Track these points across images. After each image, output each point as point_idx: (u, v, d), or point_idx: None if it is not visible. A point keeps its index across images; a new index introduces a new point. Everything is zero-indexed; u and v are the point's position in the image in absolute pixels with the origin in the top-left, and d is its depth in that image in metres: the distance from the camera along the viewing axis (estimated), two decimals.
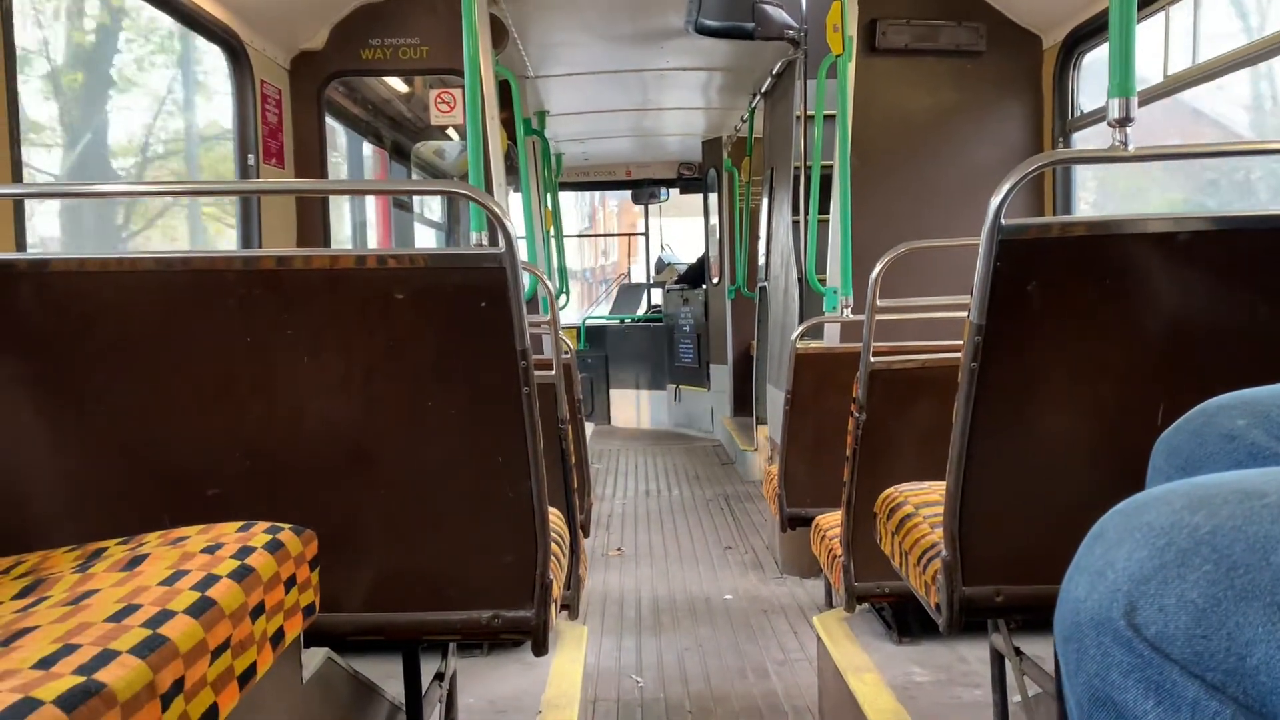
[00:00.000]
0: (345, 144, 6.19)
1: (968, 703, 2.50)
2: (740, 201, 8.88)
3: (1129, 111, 1.52)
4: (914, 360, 2.64)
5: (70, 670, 0.90)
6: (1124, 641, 0.65)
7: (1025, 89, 4.34)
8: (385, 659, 2.24)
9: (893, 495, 2.22)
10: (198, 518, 1.45)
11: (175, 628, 1.03)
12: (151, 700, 0.95)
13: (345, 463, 1.71)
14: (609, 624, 4.43)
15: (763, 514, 6.36)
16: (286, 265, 1.61)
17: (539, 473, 1.70)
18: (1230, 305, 1.62)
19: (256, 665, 1.21)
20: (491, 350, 1.63)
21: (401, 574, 1.77)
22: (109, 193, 2.87)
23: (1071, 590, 0.71)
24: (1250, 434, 0.94)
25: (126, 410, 1.68)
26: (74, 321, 1.63)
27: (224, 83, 3.82)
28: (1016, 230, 1.54)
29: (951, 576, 1.77)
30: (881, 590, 2.75)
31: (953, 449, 1.70)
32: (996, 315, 1.59)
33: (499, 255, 1.57)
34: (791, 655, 3.93)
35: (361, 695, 2.03)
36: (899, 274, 2.58)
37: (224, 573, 1.20)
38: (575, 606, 2.60)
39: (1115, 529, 0.71)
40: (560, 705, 2.58)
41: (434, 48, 4.27)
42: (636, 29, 6.01)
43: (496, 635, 1.77)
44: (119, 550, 1.31)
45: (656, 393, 11.19)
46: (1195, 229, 1.56)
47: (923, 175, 4.40)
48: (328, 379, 1.67)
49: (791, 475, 3.68)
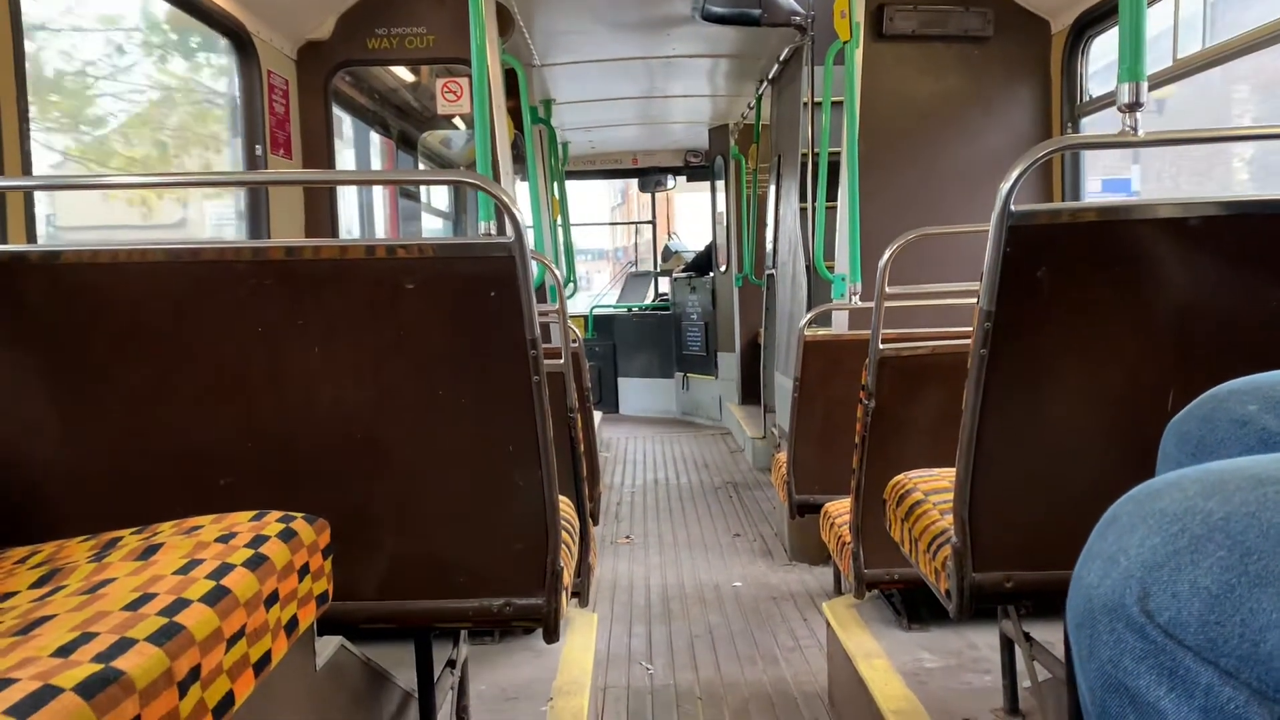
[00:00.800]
0: (353, 134, 6.19)
1: (978, 688, 2.51)
2: (747, 189, 8.85)
3: (1139, 96, 1.52)
4: (923, 347, 2.64)
5: (89, 658, 0.91)
6: (1137, 628, 0.65)
7: (1033, 74, 4.32)
8: (397, 647, 2.26)
9: (902, 482, 2.22)
10: (211, 507, 1.46)
11: (191, 616, 1.04)
12: (169, 688, 0.96)
13: (356, 452, 1.72)
14: (619, 611, 4.44)
15: (771, 501, 6.37)
16: (296, 255, 1.62)
17: (549, 461, 1.70)
18: (1241, 290, 1.62)
19: (271, 653, 1.22)
20: (501, 339, 1.64)
21: (413, 562, 1.78)
22: (117, 184, 2.87)
23: (1084, 576, 0.71)
24: (1262, 419, 0.94)
25: (139, 401, 1.69)
26: (85, 313, 1.63)
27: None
28: (1026, 216, 1.54)
29: (962, 563, 1.77)
30: (891, 577, 2.76)
31: (962, 435, 1.70)
32: (1006, 301, 1.58)
33: (508, 244, 1.57)
34: (801, 642, 3.93)
35: (374, 683, 2.04)
36: (908, 260, 2.58)
37: (238, 561, 1.21)
38: (585, 594, 2.61)
39: (1128, 515, 0.71)
40: (571, 692, 2.59)
41: (440, 37, 4.27)
42: (643, 16, 5.99)
43: (508, 623, 1.78)
44: (134, 540, 1.32)
45: (664, 381, 11.19)
46: (1205, 214, 1.56)
47: (931, 161, 4.39)
48: (338, 368, 1.67)
49: (800, 462, 3.68)
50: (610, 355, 11.38)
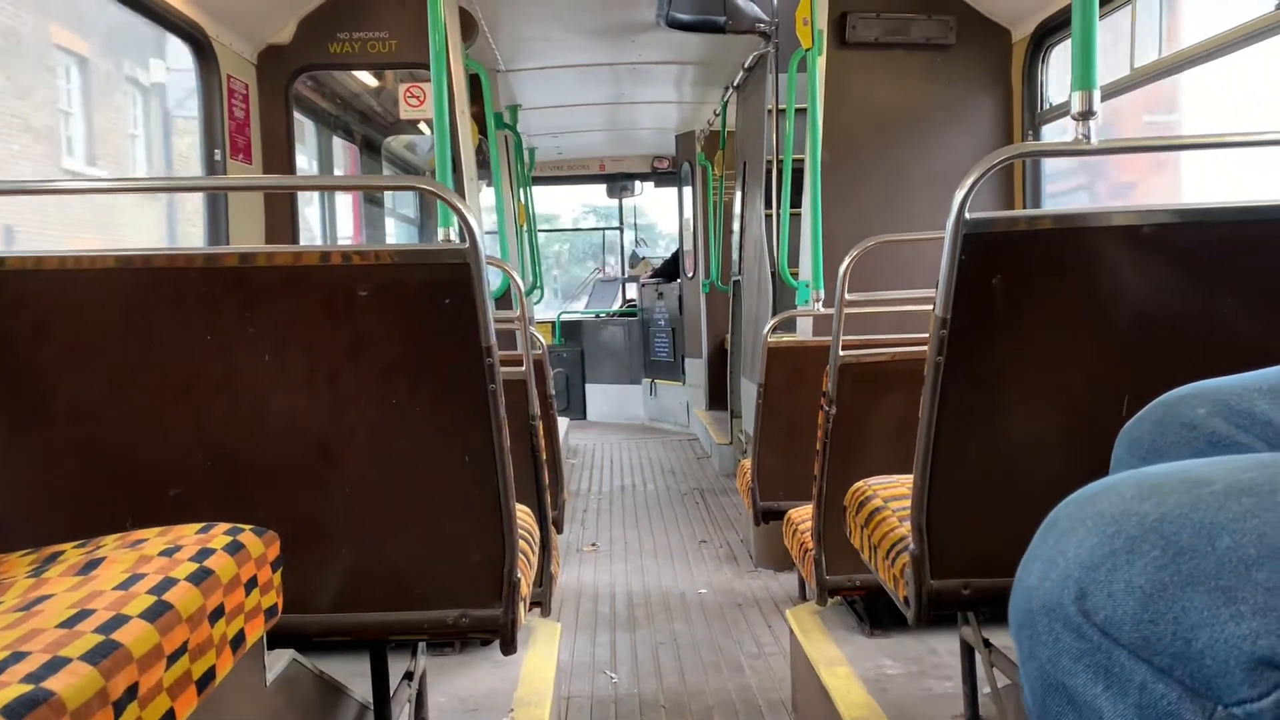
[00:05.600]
0: (315, 139, 6.13)
1: (938, 694, 2.51)
2: (714, 195, 8.88)
3: (1091, 105, 1.53)
4: (883, 354, 2.65)
5: (18, 679, 0.88)
6: (1074, 627, 0.67)
7: (995, 82, 4.36)
8: (353, 658, 2.23)
9: (862, 489, 2.22)
10: (160, 519, 1.43)
11: (129, 633, 1.02)
12: (104, 707, 0.93)
13: (309, 462, 1.69)
14: (583, 620, 4.42)
15: (737, 508, 6.37)
16: (249, 262, 1.59)
17: (505, 470, 1.69)
18: (1194, 297, 1.63)
19: (216, 669, 1.19)
20: (457, 347, 1.62)
21: (367, 574, 1.76)
22: (73, 189, 2.82)
23: (1025, 578, 0.73)
24: (1210, 423, 0.95)
25: (86, 411, 1.65)
26: (31, 321, 1.60)
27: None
28: (981, 224, 1.54)
29: (919, 570, 1.77)
30: (853, 583, 2.76)
31: (919, 443, 1.70)
32: (961, 309, 1.59)
33: (462, 251, 1.56)
34: (766, 649, 3.93)
35: (328, 696, 2.01)
36: (871, 267, 2.58)
37: (182, 575, 1.18)
38: (547, 603, 2.59)
39: (1067, 518, 0.72)
40: (532, 702, 2.57)
41: (402, 41, 4.24)
42: (608, 22, 5.99)
43: (464, 634, 1.76)
44: (75, 554, 1.29)
45: (632, 387, 11.18)
46: (1160, 221, 1.57)
47: (894, 169, 4.41)
48: (291, 377, 1.65)
49: (764, 469, 3.68)
50: (578, 361, 11.37)
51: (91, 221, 4.77)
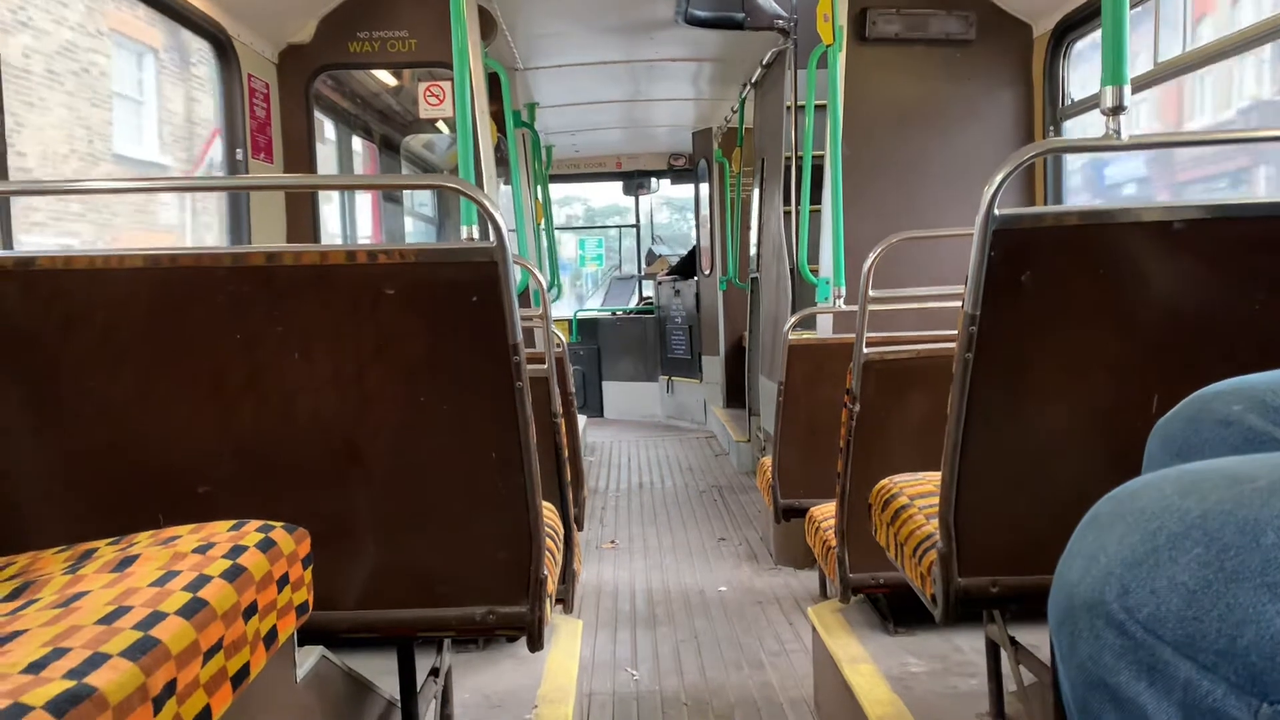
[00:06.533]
0: (335, 137, 6.16)
1: (963, 692, 2.50)
2: (731, 192, 8.86)
3: (1122, 100, 1.52)
4: (907, 351, 2.64)
5: (61, 674, 0.89)
6: (1117, 624, 0.66)
7: (1016, 78, 4.34)
8: (380, 655, 2.24)
9: (887, 486, 2.22)
10: (189, 516, 1.44)
11: (167, 629, 1.02)
12: (144, 703, 0.94)
13: (337, 459, 1.70)
14: (604, 617, 4.43)
15: (756, 505, 6.37)
16: (276, 261, 1.60)
17: (532, 467, 1.69)
18: (1224, 293, 1.62)
19: (250, 666, 1.20)
20: (483, 345, 1.62)
21: (395, 571, 1.76)
22: (96, 189, 2.84)
23: (1065, 575, 0.72)
24: (1246, 419, 0.95)
25: (116, 409, 1.66)
26: (61, 320, 1.61)
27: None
28: (1010, 220, 1.53)
29: (947, 568, 1.76)
30: (876, 581, 2.75)
31: (947, 440, 1.70)
32: (990, 305, 1.58)
33: (490, 249, 1.56)
34: (787, 646, 3.93)
35: (356, 693, 2.02)
36: (892, 264, 2.58)
37: (216, 573, 1.19)
38: (570, 600, 2.59)
39: (1108, 514, 0.72)
40: (555, 700, 2.58)
41: (422, 40, 4.25)
42: (626, 20, 5.98)
43: (491, 631, 1.76)
44: (109, 551, 1.30)
45: (649, 384, 11.18)
46: (1189, 217, 1.56)
47: (914, 165, 4.39)
48: (319, 375, 1.65)
49: (785, 467, 3.68)
50: (595, 359, 11.37)
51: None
